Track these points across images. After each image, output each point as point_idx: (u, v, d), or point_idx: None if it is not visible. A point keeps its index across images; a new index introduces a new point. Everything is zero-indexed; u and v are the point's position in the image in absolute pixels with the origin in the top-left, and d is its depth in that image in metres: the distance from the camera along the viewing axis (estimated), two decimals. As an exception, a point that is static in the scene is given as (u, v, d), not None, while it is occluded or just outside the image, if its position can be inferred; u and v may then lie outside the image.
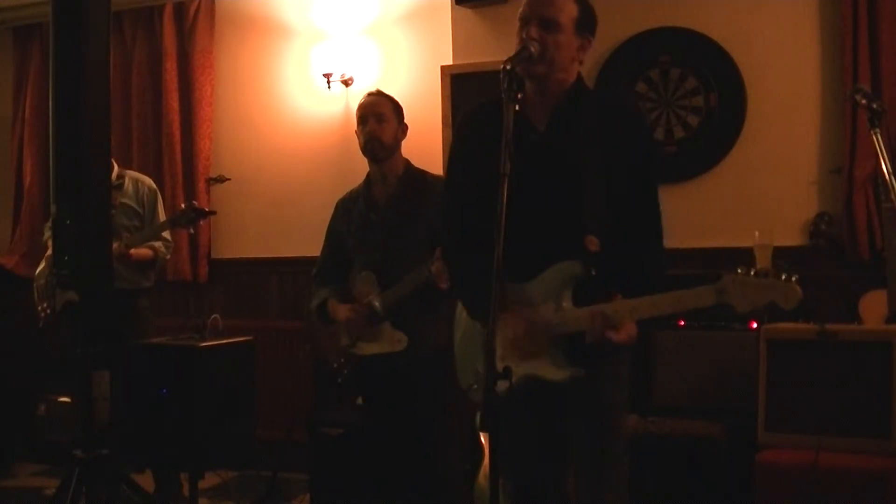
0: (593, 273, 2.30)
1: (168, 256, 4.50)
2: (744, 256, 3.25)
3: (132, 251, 4.17)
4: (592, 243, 2.30)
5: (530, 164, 2.31)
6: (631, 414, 3.53)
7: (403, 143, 3.46)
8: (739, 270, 2.12)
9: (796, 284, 2.05)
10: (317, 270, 3.59)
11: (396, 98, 3.51)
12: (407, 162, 3.47)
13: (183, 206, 4.28)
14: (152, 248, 4.30)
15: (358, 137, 3.43)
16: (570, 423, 2.44)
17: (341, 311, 3.39)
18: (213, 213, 4.42)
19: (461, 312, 2.56)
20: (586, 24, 2.38)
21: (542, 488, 2.52)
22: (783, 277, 2.06)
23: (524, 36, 2.31)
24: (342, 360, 3.43)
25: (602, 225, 2.32)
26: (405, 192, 3.39)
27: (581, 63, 2.44)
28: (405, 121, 3.47)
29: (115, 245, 4.03)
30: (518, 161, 2.09)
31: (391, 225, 3.37)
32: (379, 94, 3.50)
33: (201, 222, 4.50)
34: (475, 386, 2.37)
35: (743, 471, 3.39)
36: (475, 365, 2.38)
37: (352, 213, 3.48)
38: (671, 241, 2.47)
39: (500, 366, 2.05)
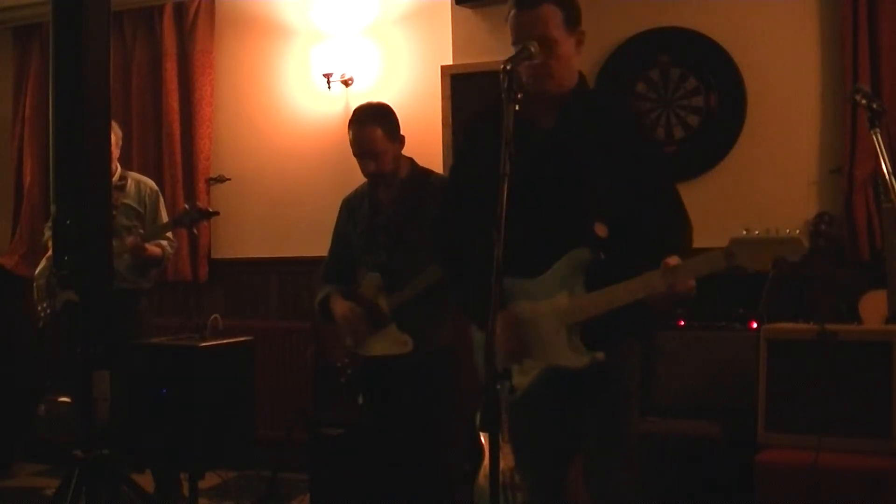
0: (602, 257, 2.33)
1: (171, 255, 4.51)
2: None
3: (147, 245, 4.20)
4: (601, 230, 2.34)
5: (537, 162, 2.34)
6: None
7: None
8: (744, 231, 2.16)
9: (801, 235, 2.10)
10: (324, 270, 3.57)
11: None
12: (412, 162, 3.42)
13: (186, 206, 4.28)
14: (160, 246, 4.32)
15: (355, 157, 3.35)
16: (585, 413, 2.45)
17: (340, 306, 3.36)
18: (216, 213, 4.39)
19: None
20: (572, 18, 2.37)
21: (559, 484, 2.55)
22: (787, 232, 2.12)
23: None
24: (347, 359, 3.42)
25: (609, 216, 2.35)
26: (409, 193, 3.37)
27: (580, 54, 2.44)
28: (402, 130, 3.33)
29: (131, 238, 4.09)
30: (525, 159, 2.10)
31: (395, 227, 3.35)
32: (367, 119, 3.26)
33: (202, 222, 4.49)
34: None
35: (743, 471, 3.39)
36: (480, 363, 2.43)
37: (357, 213, 3.46)
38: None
39: (517, 363, 2.07)
